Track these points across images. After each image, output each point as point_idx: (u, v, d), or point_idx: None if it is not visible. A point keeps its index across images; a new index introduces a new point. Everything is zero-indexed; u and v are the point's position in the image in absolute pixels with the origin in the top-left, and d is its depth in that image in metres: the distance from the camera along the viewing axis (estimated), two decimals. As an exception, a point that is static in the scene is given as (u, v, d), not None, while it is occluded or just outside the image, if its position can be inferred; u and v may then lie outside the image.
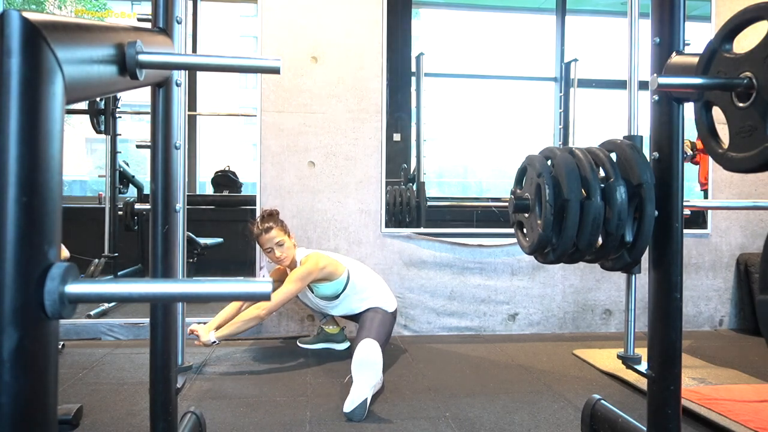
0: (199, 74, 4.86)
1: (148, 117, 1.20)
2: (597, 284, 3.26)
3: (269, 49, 2.98)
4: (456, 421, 1.90)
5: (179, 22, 1.18)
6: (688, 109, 1.28)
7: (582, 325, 3.24)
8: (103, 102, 3.65)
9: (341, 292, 2.58)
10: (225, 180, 4.72)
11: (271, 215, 2.57)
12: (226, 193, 4.70)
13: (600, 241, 1.36)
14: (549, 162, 1.41)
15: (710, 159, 3.13)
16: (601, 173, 1.35)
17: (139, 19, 3.02)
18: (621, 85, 1.66)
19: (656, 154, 1.34)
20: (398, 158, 4.28)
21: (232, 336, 2.40)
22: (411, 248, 3.12)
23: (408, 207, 3.83)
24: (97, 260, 3.63)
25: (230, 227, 4.31)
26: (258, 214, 2.77)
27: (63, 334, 2.82)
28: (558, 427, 1.85)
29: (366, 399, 1.91)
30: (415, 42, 4.48)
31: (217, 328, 2.39)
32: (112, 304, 3.18)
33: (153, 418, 1.23)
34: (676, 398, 1.31)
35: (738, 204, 2.86)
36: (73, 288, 0.50)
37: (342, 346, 2.80)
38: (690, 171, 3.50)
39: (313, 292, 2.60)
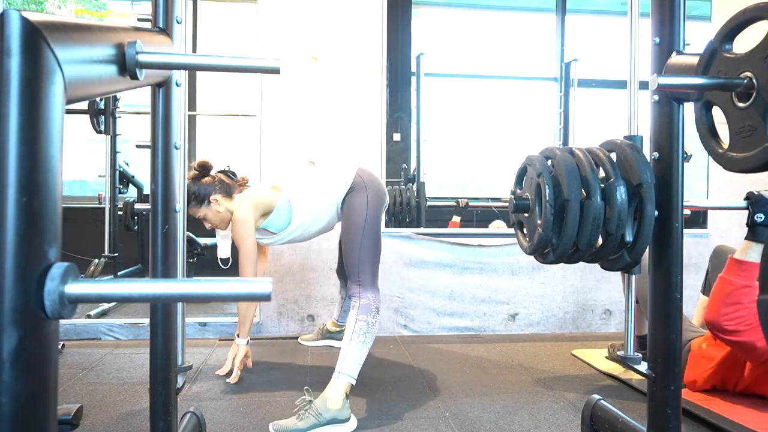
0: (199, 74, 4.85)
1: (148, 117, 1.20)
2: (597, 284, 3.26)
3: (269, 49, 2.98)
4: (456, 421, 1.90)
5: (179, 22, 1.18)
6: (688, 109, 1.28)
7: (582, 325, 3.24)
8: (103, 102, 3.65)
9: (293, 214, 2.25)
10: (225, 180, 4.71)
11: (189, 186, 2.26)
12: (226, 193, 4.69)
13: (600, 241, 1.36)
14: (549, 162, 1.41)
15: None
16: (601, 173, 1.35)
17: (139, 19, 3.00)
18: (621, 85, 1.67)
19: (656, 154, 1.34)
20: (398, 158, 4.27)
21: (249, 326, 2.32)
22: (411, 248, 3.12)
23: (408, 207, 3.83)
24: (97, 260, 3.63)
25: (230, 227, 4.30)
26: None
27: (63, 334, 2.82)
28: (558, 427, 1.85)
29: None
30: (414, 41, 4.48)
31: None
32: (112, 304, 3.17)
33: (153, 418, 1.23)
34: (676, 398, 1.31)
35: (738, 204, 2.84)
36: (73, 288, 0.50)
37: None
38: (690, 171, 3.50)
39: (273, 233, 2.30)
